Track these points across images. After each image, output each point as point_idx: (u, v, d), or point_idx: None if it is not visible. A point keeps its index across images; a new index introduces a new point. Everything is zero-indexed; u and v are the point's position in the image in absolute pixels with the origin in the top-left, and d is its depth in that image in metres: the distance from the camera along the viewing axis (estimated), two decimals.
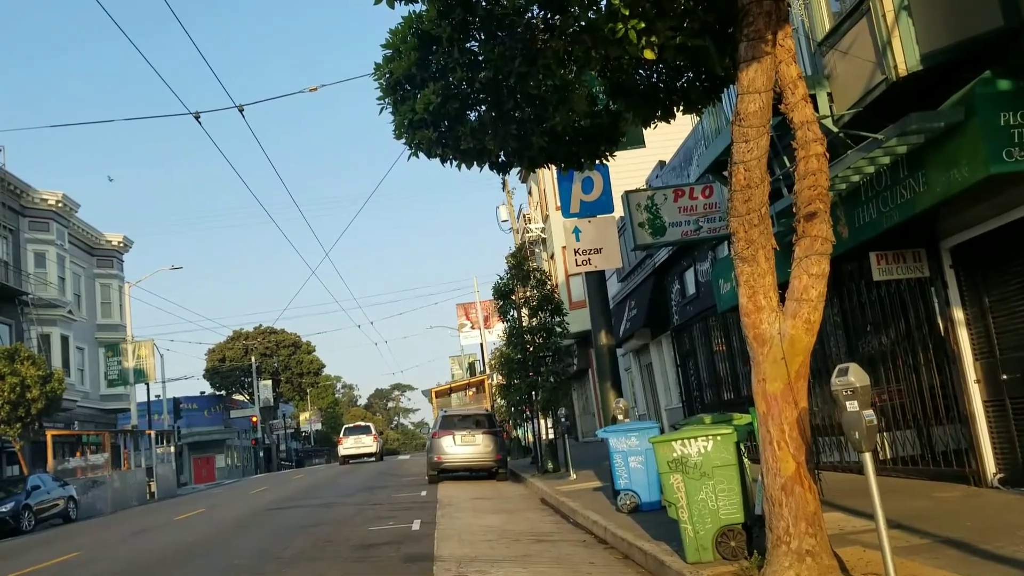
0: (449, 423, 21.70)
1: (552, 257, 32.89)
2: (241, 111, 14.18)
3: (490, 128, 8.25)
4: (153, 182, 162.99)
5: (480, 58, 7.90)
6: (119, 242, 47.08)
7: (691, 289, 19.19)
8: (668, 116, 9.22)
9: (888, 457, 11.59)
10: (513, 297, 21.24)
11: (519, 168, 11.18)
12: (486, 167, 8.96)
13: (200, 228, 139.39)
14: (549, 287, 21.24)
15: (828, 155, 6.71)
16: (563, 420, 18.84)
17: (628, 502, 11.25)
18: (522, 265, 21.26)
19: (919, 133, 8.29)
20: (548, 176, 32.88)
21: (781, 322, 6.37)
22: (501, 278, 21.64)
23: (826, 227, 6.35)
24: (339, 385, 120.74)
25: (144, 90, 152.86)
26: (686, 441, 7.46)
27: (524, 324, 20.95)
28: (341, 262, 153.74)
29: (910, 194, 8.93)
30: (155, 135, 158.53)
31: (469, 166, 8.58)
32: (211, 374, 67.85)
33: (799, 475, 6.28)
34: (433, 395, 41.03)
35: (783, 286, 6.55)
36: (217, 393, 69.48)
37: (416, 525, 12.59)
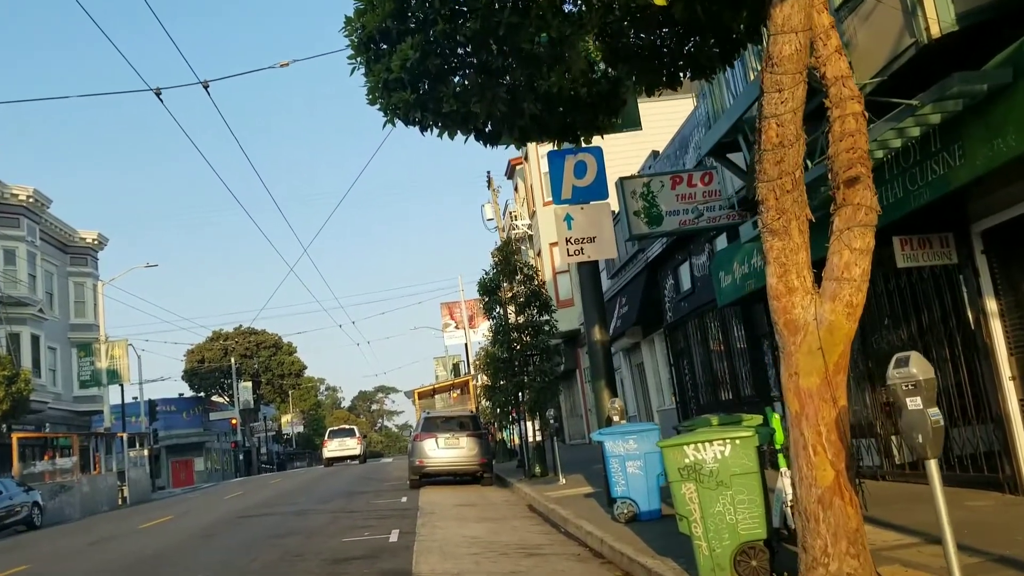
0: (432, 425, 20.72)
1: (539, 254, 31.96)
2: (206, 87, 13.14)
3: (476, 91, 7.28)
4: (129, 180, 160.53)
5: (464, 8, 6.95)
6: (93, 239, 45.77)
7: (686, 284, 18.28)
8: (674, 83, 8.30)
9: (906, 461, 10.72)
10: (499, 293, 20.26)
11: (508, 142, 10.22)
12: (471, 138, 7.99)
13: (178, 226, 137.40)
14: (537, 282, 20.27)
15: (866, 115, 5.79)
16: (552, 422, 17.88)
17: (625, 511, 10.30)
18: (509, 259, 20.27)
19: (959, 98, 7.39)
20: (535, 171, 31.95)
21: (817, 306, 5.43)
22: (487, 273, 20.66)
23: (870, 194, 5.43)
24: (322, 387, 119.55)
25: (127, 88, 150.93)
26: (700, 445, 6.51)
27: (511, 321, 19.97)
28: (323, 261, 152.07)
29: (944, 169, 8.03)
30: (132, 132, 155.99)
31: (452, 134, 7.61)
32: (190, 375, 66.44)
33: (839, 485, 5.35)
34: (416, 396, 39.86)
35: (816, 265, 5.64)
36: (196, 395, 68.09)
37: (394, 536, 11.59)
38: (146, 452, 37.46)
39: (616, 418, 11.54)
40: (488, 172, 36.78)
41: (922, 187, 8.39)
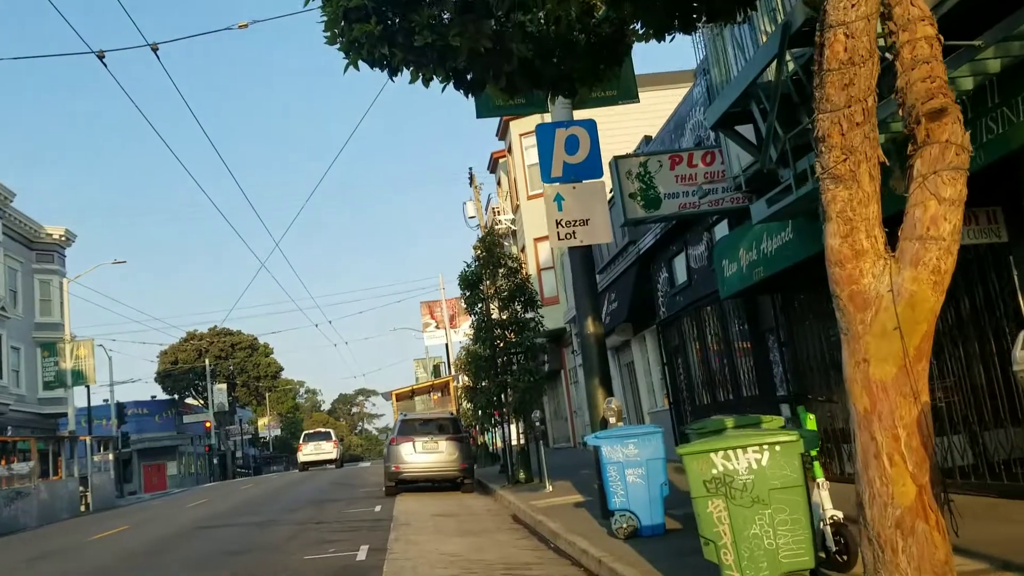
0: (409, 428, 19.42)
1: (523, 250, 30.74)
2: (155, 51, 11.83)
3: (456, 23, 6.03)
4: (100, 177, 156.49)
5: None
6: (60, 235, 44.08)
7: (681, 277, 17.10)
8: (688, 27, 7.08)
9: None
10: (481, 287, 18.98)
11: (494, 108, 8.97)
12: (450, 86, 6.73)
13: (149, 224, 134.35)
14: (521, 276, 19.02)
15: (941, 39, 4.59)
16: (537, 424, 16.65)
17: (625, 525, 9.06)
18: (492, 251, 19.00)
19: None
20: (519, 164, 30.72)
21: (893, 273, 4.22)
22: (468, 266, 19.37)
23: (960, 129, 4.23)
24: (302, 390, 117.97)
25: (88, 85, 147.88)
26: (731, 452, 5.28)
27: (494, 318, 18.71)
28: (297, 260, 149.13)
29: (1002, 127, 6.86)
30: (100, 128, 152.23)
31: (427, 78, 6.32)
32: (163, 377, 64.67)
33: (922, 504, 4.13)
34: (394, 398, 38.25)
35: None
36: (170, 397, 66.33)
37: (362, 553, 10.28)
38: (111, 456, 35.81)
39: (613, 420, 10.30)
40: (470, 168, 35.74)
41: (975, 150, 7.21)
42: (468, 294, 19.17)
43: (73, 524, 23.76)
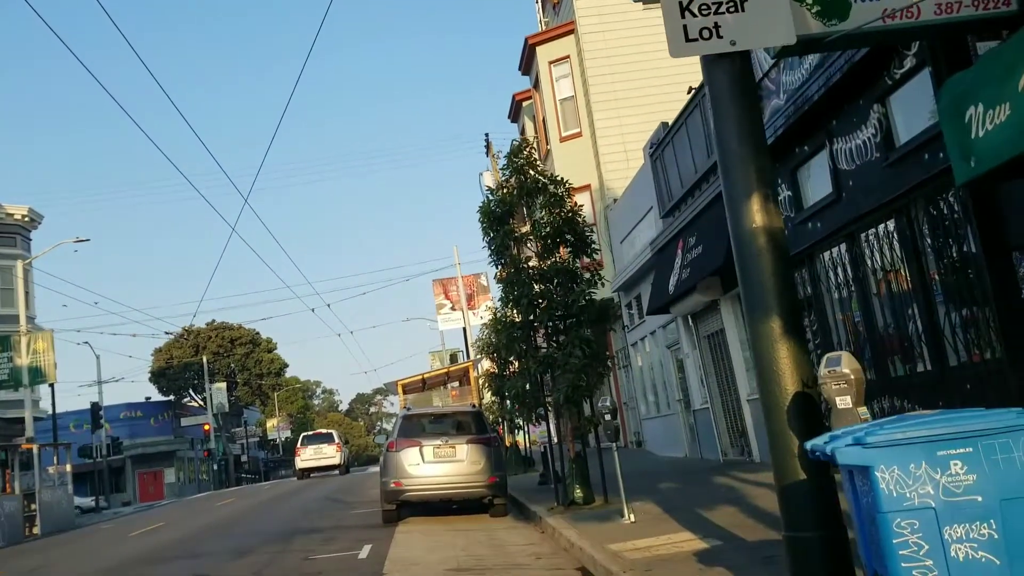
0: (414, 428, 13.83)
1: None
2: None
3: None
4: (75, 159, 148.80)
5: None
6: (23, 216, 38.79)
7: (820, 190, 11.31)
8: None
9: None
10: (512, 223, 13.26)
11: None
12: None
13: (123, 209, 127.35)
14: (570, 207, 13.29)
15: None
16: (607, 416, 10.93)
17: None
18: (524, 171, 13.27)
19: None
20: (549, 99, 24.94)
21: None
22: (493, 193, 13.65)
23: None
24: (319, 390, 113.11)
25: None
26: None
27: (532, 265, 12.99)
28: (290, 242, 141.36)
29: None
30: (75, 107, 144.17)
31: None
32: (157, 377, 59.43)
33: None
34: (400, 390, 31.83)
35: None
36: (165, 399, 61.10)
37: None
38: (68, 467, 30.39)
39: (847, 402, 4.57)
40: (486, 135, 30.00)
41: None
42: (492, 235, 13.41)
43: None
